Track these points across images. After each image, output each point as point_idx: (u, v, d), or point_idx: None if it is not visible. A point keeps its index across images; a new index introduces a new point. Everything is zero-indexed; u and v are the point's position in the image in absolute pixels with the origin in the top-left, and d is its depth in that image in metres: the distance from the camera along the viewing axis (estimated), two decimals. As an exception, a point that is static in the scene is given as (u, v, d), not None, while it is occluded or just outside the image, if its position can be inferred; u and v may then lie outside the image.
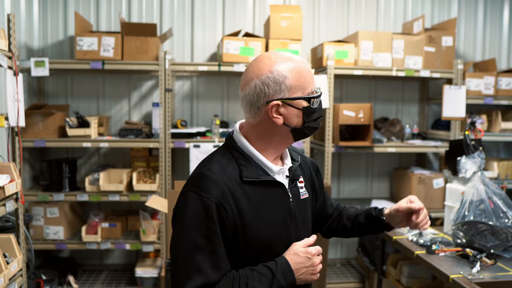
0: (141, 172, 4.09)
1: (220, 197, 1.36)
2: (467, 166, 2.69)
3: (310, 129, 1.46)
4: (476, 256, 2.41)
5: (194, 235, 1.35)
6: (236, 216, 1.37)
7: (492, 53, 4.99)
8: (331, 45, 4.13)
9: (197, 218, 1.35)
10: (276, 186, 1.47)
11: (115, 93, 4.45)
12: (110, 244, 3.92)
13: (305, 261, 1.41)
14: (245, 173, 1.41)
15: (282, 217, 1.47)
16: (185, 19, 4.49)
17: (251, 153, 1.45)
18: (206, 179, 1.38)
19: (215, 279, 1.34)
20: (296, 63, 1.41)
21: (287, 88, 1.39)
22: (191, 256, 1.34)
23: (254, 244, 1.41)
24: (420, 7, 4.83)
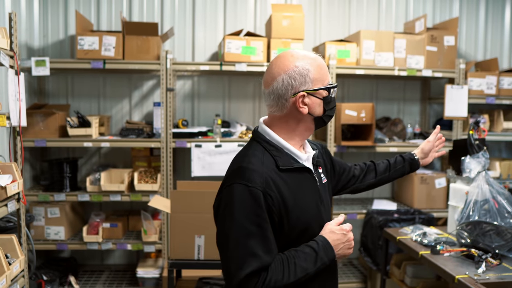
0: (143, 172, 4.08)
1: (265, 185, 1.46)
2: (471, 166, 2.68)
3: (328, 117, 1.62)
4: (481, 256, 2.40)
5: (245, 223, 1.44)
6: (280, 203, 1.48)
7: (494, 52, 4.98)
8: (333, 44, 4.12)
9: (246, 207, 1.44)
10: (305, 172, 1.60)
11: (116, 92, 4.43)
12: (111, 245, 3.90)
13: (342, 237, 1.54)
14: (280, 162, 1.53)
15: (314, 200, 1.60)
16: (186, 18, 4.47)
17: (281, 144, 1.57)
18: (249, 171, 1.48)
19: (269, 262, 1.44)
20: (314, 59, 1.56)
21: (311, 80, 1.54)
22: (244, 243, 1.43)
23: (296, 227, 1.52)
24: (421, 7, 4.82)
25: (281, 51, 3.93)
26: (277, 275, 1.44)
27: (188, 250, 2.67)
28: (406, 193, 4.51)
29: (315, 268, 1.48)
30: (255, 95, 4.63)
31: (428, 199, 4.36)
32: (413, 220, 3.92)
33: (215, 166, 4.00)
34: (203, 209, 2.63)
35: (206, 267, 2.70)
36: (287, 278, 1.45)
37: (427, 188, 4.36)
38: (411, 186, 4.39)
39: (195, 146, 3.95)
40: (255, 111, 4.65)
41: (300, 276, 1.46)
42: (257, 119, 4.65)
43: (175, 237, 2.66)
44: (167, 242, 3.94)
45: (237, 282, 1.41)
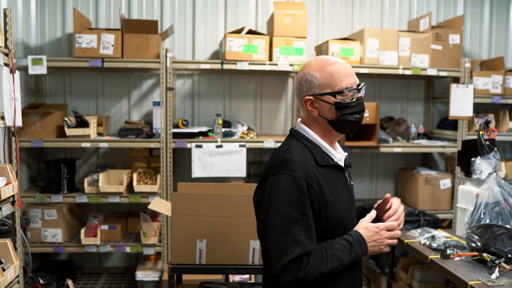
0: (142, 173, 3.99)
1: (307, 177, 1.57)
2: (482, 167, 2.59)
3: (348, 122, 1.66)
4: (494, 261, 2.31)
5: (290, 210, 1.53)
6: (320, 194, 1.58)
7: (499, 51, 4.90)
8: (336, 42, 4.04)
9: (291, 195, 1.54)
10: (339, 170, 1.70)
11: (114, 92, 4.34)
12: (110, 247, 3.81)
13: (374, 234, 1.62)
14: (318, 158, 1.64)
15: (346, 197, 1.69)
16: (187, 16, 4.38)
17: (317, 141, 1.68)
18: (293, 163, 1.58)
19: (311, 249, 1.53)
20: (328, 65, 1.64)
21: (316, 86, 1.64)
22: (288, 229, 1.52)
23: (332, 220, 1.61)
24: (425, 5, 4.74)
25: (283, 49, 3.90)
26: (316, 262, 1.52)
27: (189, 254, 2.58)
28: (410, 194, 4.43)
29: (350, 259, 1.57)
30: (257, 94, 4.54)
31: (433, 200, 4.28)
32: (418, 222, 3.85)
33: (216, 166, 3.91)
34: (205, 212, 2.54)
35: (208, 272, 2.60)
36: (324, 266, 1.53)
37: (431, 189, 4.28)
38: (416, 187, 4.31)
39: (195, 146, 3.86)
40: (257, 110, 4.56)
41: (336, 266, 1.55)
42: (258, 119, 4.57)
43: (176, 241, 2.57)
44: (167, 245, 3.86)
45: (281, 267, 1.49)
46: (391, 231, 1.66)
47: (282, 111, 4.60)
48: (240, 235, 2.56)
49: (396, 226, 1.68)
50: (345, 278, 1.65)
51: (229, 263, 2.58)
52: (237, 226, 2.56)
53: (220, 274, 2.74)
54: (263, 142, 3.95)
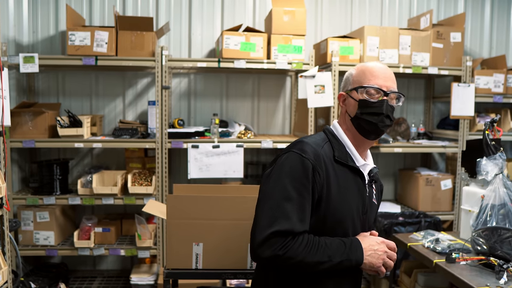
0: (136, 174, 3.89)
1: (316, 161, 1.55)
2: (488, 168, 2.51)
3: (365, 122, 1.64)
4: (502, 265, 2.23)
5: (288, 187, 1.51)
6: (324, 185, 1.54)
7: (500, 50, 4.83)
8: (336, 40, 3.95)
9: (294, 173, 1.53)
10: (358, 175, 1.65)
11: (108, 91, 4.24)
12: (103, 250, 3.71)
13: (374, 244, 1.58)
14: (337, 154, 1.62)
15: (356, 204, 1.63)
16: (183, 13, 4.29)
17: (343, 140, 1.68)
18: (306, 145, 1.59)
19: (299, 229, 1.49)
20: (365, 65, 1.69)
21: (350, 83, 1.70)
22: (281, 204, 1.50)
23: (331, 216, 1.56)
24: (425, 3, 4.66)
25: (281, 47, 3.81)
26: (300, 247, 1.47)
27: (185, 258, 2.49)
28: (411, 195, 4.35)
29: (339, 259, 1.51)
30: (254, 93, 4.45)
31: (434, 202, 4.21)
32: (419, 223, 3.76)
33: (213, 167, 3.82)
34: (202, 215, 2.45)
35: (204, 277, 2.51)
36: (310, 255, 1.48)
37: (432, 190, 4.20)
38: (416, 188, 4.23)
39: (191, 146, 3.76)
40: (254, 110, 4.47)
41: (322, 260, 1.49)
42: (256, 119, 4.48)
43: (172, 245, 2.47)
44: (163, 248, 3.76)
45: (263, 238, 1.46)
46: (391, 251, 1.62)
47: (280, 111, 4.51)
48: (238, 238, 2.47)
49: (396, 250, 1.64)
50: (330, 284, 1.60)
51: (226, 268, 2.49)
52: (234, 230, 2.47)
53: (217, 279, 2.65)
54: (261, 142, 3.86)
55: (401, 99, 1.70)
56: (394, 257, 1.62)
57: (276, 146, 3.88)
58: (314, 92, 3.81)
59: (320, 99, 3.84)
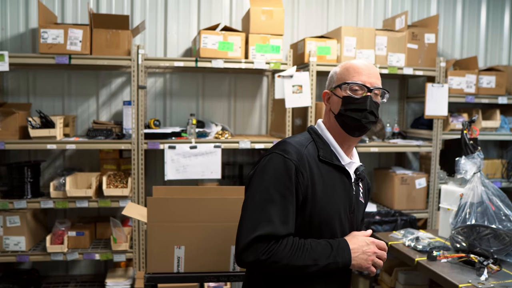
0: (112, 175, 3.79)
1: (299, 162, 1.53)
2: (467, 167, 2.56)
3: (349, 118, 1.61)
4: (482, 262, 2.27)
5: (271, 189, 1.49)
6: (309, 185, 1.52)
7: (470, 51, 4.94)
8: (313, 41, 3.96)
9: (277, 174, 1.51)
10: (344, 174, 1.63)
11: (81, 90, 4.12)
12: (77, 255, 3.60)
13: (363, 245, 1.55)
14: (321, 153, 1.60)
15: (343, 203, 1.61)
16: (158, 12, 4.21)
17: (328, 139, 1.66)
18: (290, 146, 1.57)
19: (282, 232, 1.46)
20: (349, 62, 1.68)
21: (334, 81, 1.69)
22: (264, 207, 1.47)
23: (318, 216, 1.54)
24: (400, 4, 4.73)
25: (259, 47, 3.79)
26: (285, 251, 1.45)
27: (166, 262, 2.43)
28: (386, 194, 4.40)
29: (325, 263, 1.48)
30: (231, 93, 4.41)
31: (409, 200, 4.27)
32: (395, 222, 3.81)
33: (190, 168, 3.76)
34: (183, 217, 2.40)
35: (186, 281, 2.47)
36: (294, 258, 1.45)
37: (407, 189, 4.26)
38: (392, 187, 4.28)
39: (168, 147, 3.70)
40: (231, 110, 4.43)
41: (308, 263, 1.46)
42: (232, 119, 4.45)
43: (153, 248, 2.41)
44: (139, 251, 3.69)
45: (246, 244, 1.44)
46: (381, 250, 1.60)
47: (256, 111, 4.49)
48: (220, 241, 2.43)
49: (386, 249, 1.62)
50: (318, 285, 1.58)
51: (208, 271, 2.45)
52: (217, 232, 2.43)
53: (199, 282, 2.60)
54: (238, 142, 3.83)
55: (386, 96, 1.68)
56: (384, 257, 1.60)
57: (254, 146, 3.85)
58: (291, 92, 3.81)
59: (298, 99, 3.83)
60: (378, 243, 1.60)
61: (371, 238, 1.59)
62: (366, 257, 1.54)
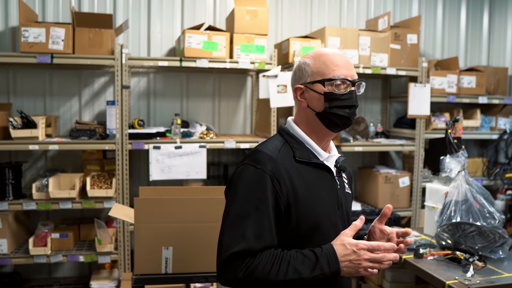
0: (95, 176, 3.74)
1: (274, 171, 1.44)
2: (451, 166, 2.60)
3: (336, 116, 1.53)
4: (468, 259, 2.31)
5: (244, 204, 1.42)
6: (290, 192, 1.44)
7: (451, 51, 5.02)
8: (297, 41, 3.97)
9: (249, 187, 1.44)
10: (324, 170, 1.56)
11: (64, 90, 4.06)
12: (61, 257, 3.54)
13: (350, 254, 1.38)
14: (297, 154, 1.52)
15: (331, 201, 1.54)
16: (141, 11, 4.17)
17: (302, 138, 1.57)
18: (261, 154, 1.49)
19: (256, 247, 1.38)
20: (323, 54, 1.56)
21: (308, 74, 1.56)
22: (238, 223, 1.40)
23: (305, 223, 1.46)
24: (382, 5, 4.78)
25: (244, 47, 3.79)
26: (264, 266, 1.37)
27: (154, 263, 2.41)
28: (370, 193, 4.45)
29: (312, 275, 1.36)
30: (215, 93, 4.40)
31: (392, 198, 4.31)
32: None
33: (175, 168, 3.74)
34: (171, 218, 2.39)
35: (174, 281, 2.45)
36: (274, 273, 1.37)
37: (391, 188, 4.31)
38: (376, 185, 4.33)
39: (153, 147, 3.67)
40: (215, 110, 4.42)
41: (291, 278, 1.36)
42: (217, 119, 4.43)
43: (140, 249, 2.39)
44: (124, 252, 3.65)
45: (222, 263, 1.40)
46: (374, 254, 1.38)
47: (241, 111, 4.48)
48: (208, 241, 2.42)
49: (383, 248, 1.39)
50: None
51: (197, 271, 2.44)
52: (205, 232, 2.42)
53: (188, 282, 2.59)
54: (224, 142, 3.82)
55: (363, 86, 1.59)
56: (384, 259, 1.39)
57: (239, 146, 3.85)
58: (276, 92, 3.81)
59: (283, 99, 3.84)
60: (371, 246, 1.38)
61: (361, 244, 1.38)
62: (355, 266, 1.37)
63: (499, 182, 4.56)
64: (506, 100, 4.53)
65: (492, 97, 4.50)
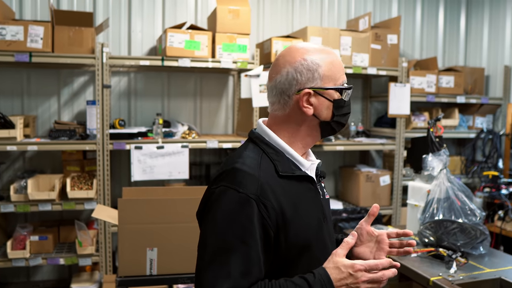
0: (76, 177, 3.68)
1: (259, 193, 1.24)
2: (434, 164, 2.64)
3: (338, 125, 1.38)
4: (451, 256, 2.35)
5: (226, 235, 1.22)
6: (278, 214, 1.25)
7: (429, 52, 5.10)
8: (280, 40, 3.98)
9: (232, 216, 1.22)
10: (307, 182, 1.37)
11: (42, 90, 3.98)
12: (41, 260, 3.48)
13: (347, 277, 1.23)
14: (280, 168, 1.31)
15: (316, 215, 1.37)
16: (122, 9, 4.12)
17: (282, 148, 1.36)
18: (242, 173, 1.26)
19: (244, 286, 1.20)
20: (328, 54, 1.35)
21: (320, 77, 1.32)
22: (221, 259, 1.21)
23: (295, 244, 1.29)
24: (363, 5, 4.82)
25: (226, 46, 3.77)
26: None
27: (139, 265, 2.39)
28: (352, 191, 4.48)
29: None
30: (196, 92, 4.37)
31: (373, 197, 4.36)
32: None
33: (157, 169, 3.70)
34: (156, 218, 2.36)
35: (159, 283, 2.43)
36: None
37: (372, 186, 4.35)
38: (357, 184, 4.37)
39: (135, 148, 3.63)
40: (197, 109, 4.39)
41: None
42: (198, 118, 4.41)
43: (124, 251, 2.36)
44: (105, 254, 3.60)
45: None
46: (372, 274, 1.24)
47: (222, 110, 4.47)
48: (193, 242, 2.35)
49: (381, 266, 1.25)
50: None
51: (182, 272, 2.42)
52: (190, 232, 2.40)
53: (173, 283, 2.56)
54: (206, 142, 3.80)
55: None
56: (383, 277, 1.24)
57: (221, 146, 3.83)
58: (259, 91, 3.81)
59: (265, 98, 3.83)
60: (369, 266, 1.24)
61: (357, 265, 1.24)
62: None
63: (477, 180, 4.65)
64: (483, 100, 4.63)
65: (469, 97, 4.59)
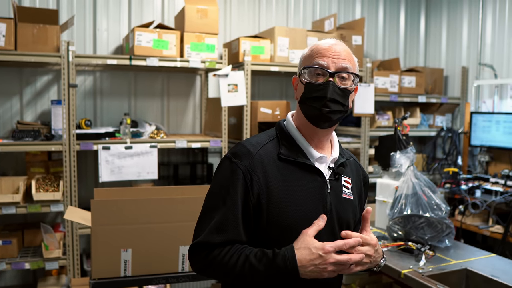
0: (41, 179, 3.58)
1: (249, 165, 1.39)
2: (401, 161, 2.73)
3: (310, 108, 1.42)
4: (420, 249, 2.44)
5: (214, 196, 1.42)
6: (263, 190, 1.38)
7: (391, 53, 5.25)
8: (247, 40, 4.00)
9: (222, 180, 1.41)
10: (313, 172, 1.44)
11: (3, 89, 3.84)
12: (5, 265, 3.36)
13: (316, 258, 1.29)
14: (282, 151, 1.44)
15: (314, 205, 1.42)
16: (86, 7, 4.03)
17: (293, 134, 1.48)
18: (241, 147, 1.44)
19: (215, 240, 1.36)
20: (317, 42, 1.47)
21: (301, 63, 1.49)
22: (206, 215, 1.41)
23: (277, 224, 1.38)
24: (327, 6, 4.91)
25: (194, 46, 3.76)
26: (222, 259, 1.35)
27: (113, 266, 2.35)
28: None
29: (266, 273, 1.29)
30: (164, 92, 4.34)
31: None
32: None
33: (126, 169, 3.65)
34: (129, 219, 2.33)
35: (134, 284, 2.40)
36: (232, 265, 1.33)
37: (339, 184, 4.43)
38: (324, 182, 4.44)
39: (102, 148, 3.56)
40: (164, 109, 4.36)
41: (247, 273, 1.32)
42: (166, 118, 4.38)
43: (98, 253, 2.32)
44: (73, 257, 3.52)
45: (189, 249, 1.42)
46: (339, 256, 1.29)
47: (190, 110, 4.45)
48: (168, 241, 2.40)
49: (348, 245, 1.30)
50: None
51: (157, 272, 2.41)
52: (164, 233, 2.39)
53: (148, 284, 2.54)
54: (175, 142, 3.78)
55: (356, 80, 1.45)
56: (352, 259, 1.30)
57: (190, 145, 3.82)
58: (227, 91, 3.83)
59: (233, 98, 3.86)
60: (337, 246, 1.29)
61: (327, 246, 1.28)
62: (320, 270, 1.29)
63: (438, 177, 4.83)
64: (443, 99, 4.81)
65: (430, 96, 4.76)
